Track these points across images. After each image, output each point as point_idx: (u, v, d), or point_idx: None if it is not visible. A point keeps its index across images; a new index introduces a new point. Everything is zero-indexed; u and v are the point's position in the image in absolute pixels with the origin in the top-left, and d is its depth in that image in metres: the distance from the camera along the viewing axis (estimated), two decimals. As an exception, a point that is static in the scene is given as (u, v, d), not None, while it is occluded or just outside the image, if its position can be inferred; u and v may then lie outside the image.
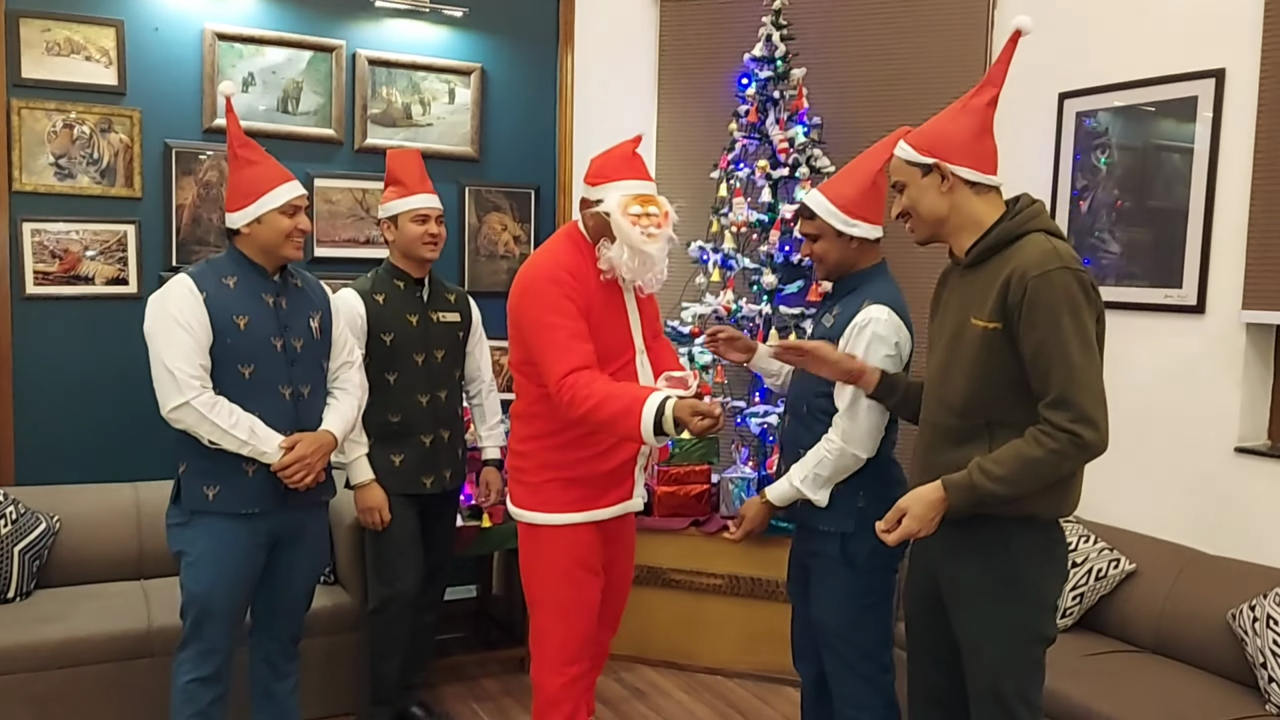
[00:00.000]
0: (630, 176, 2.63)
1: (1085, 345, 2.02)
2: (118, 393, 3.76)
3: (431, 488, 3.22)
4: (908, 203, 2.23)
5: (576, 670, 2.71)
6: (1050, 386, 2.01)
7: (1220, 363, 3.26)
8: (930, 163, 2.18)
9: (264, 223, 2.64)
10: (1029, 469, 2.02)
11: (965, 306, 2.17)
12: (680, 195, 4.56)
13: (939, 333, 2.28)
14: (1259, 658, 2.76)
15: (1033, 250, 2.07)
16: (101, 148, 3.72)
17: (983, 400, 2.12)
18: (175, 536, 2.66)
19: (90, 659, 3.10)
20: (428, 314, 3.24)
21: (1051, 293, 2.01)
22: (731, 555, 3.96)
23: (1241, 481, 3.19)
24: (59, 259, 3.67)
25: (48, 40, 3.62)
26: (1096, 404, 2.02)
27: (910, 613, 2.40)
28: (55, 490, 3.56)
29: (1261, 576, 2.94)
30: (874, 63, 4.24)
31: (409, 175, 3.20)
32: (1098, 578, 3.24)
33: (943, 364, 2.21)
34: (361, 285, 3.19)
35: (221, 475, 2.59)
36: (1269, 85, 3.10)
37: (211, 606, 2.61)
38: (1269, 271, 3.10)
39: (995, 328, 2.08)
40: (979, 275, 2.16)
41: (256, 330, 2.62)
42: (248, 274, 2.66)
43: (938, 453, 2.19)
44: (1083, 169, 3.66)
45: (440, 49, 4.30)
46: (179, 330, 2.52)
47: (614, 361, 2.63)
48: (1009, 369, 2.08)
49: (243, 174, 2.67)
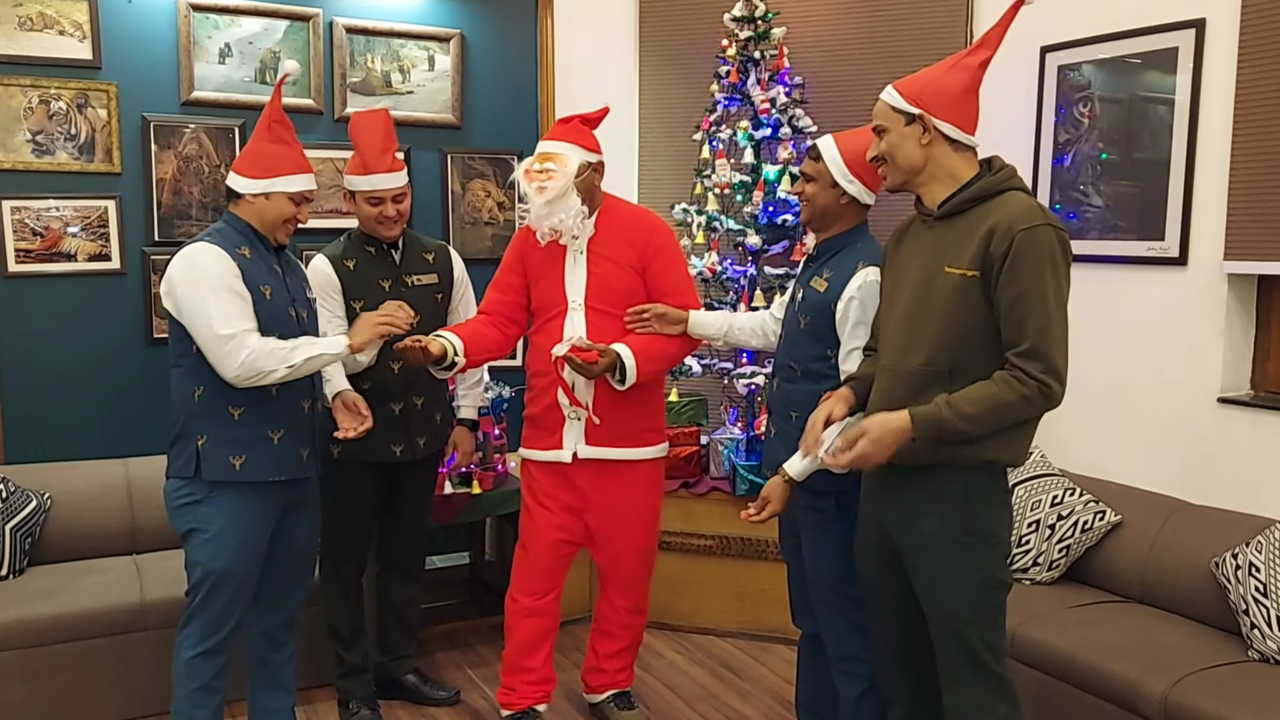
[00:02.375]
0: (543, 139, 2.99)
1: (1060, 302, 2.08)
2: (105, 369, 3.76)
3: (401, 456, 3.18)
4: (886, 148, 2.25)
5: (527, 603, 3.06)
6: (1025, 336, 2.05)
7: (1203, 314, 3.27)
8: (915, 113, 2.21)
9: (271, 200, 2.65)
10: (996, 411, 2.06)
11: (937, 255, 2.19)
12: (663, 158, 4.58)
13: (901, 282, 2.29)
14: (1241, 605, 2.80)
15: (1018, 204, 2.11)
16: (79, 123, 3.69)
17: (951, 346, 2.15)
18: (186, 514, 2.61)
19: (85, 634, 3.12)
20: (402, 278, 3.18)
21: (1037, 247, 2.05)
22: (722, 516, 3.99)
23: (1224, 431, 3.22)
24: (40, 236, 3.65)
25: (19, 15, 3.57)
26: (1064, 360, 2.08)
27: (865, 572, 2.41)
28: (46, 468, 3.57)
29: (1244, 525, 2.97)
30: (855, 20, 4.21)
31: (369, 148, 3.06)
32: (1083, 530, 3.27)
33: (908, 312, 2.23)
34: (332, 251, 3.15)
35: (248, 444, 2.59)
36: (1249, 35, 3.08)
37: (228, 580, 2.61)
38: (1250, 222, 3.10)
39: (973, 275, 2.11)
40: (954, 226, 2.19)
41: (278, 300, 2.65)
42: (255, 245, 2.67)
43: (895, 400, 2.20)
44: (1065, 123, 3.64)
45: (418, 15, 4.26)
46: (223, 290, 2.51)
47: (544, 314, 3.00)
48: (980, 316, 2.12)
49: (271, 148, 2.68)
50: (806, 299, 2.64)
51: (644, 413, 3.02)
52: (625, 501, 3.02)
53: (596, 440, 2.97)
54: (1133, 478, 3.43)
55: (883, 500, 2.30)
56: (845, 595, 2.62)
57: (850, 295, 2.52)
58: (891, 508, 2.28)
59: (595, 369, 2.81)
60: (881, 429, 2.11)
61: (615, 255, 2.93)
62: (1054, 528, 3.29)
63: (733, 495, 3.93)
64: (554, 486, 3.03)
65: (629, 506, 3.03)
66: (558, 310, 2.96)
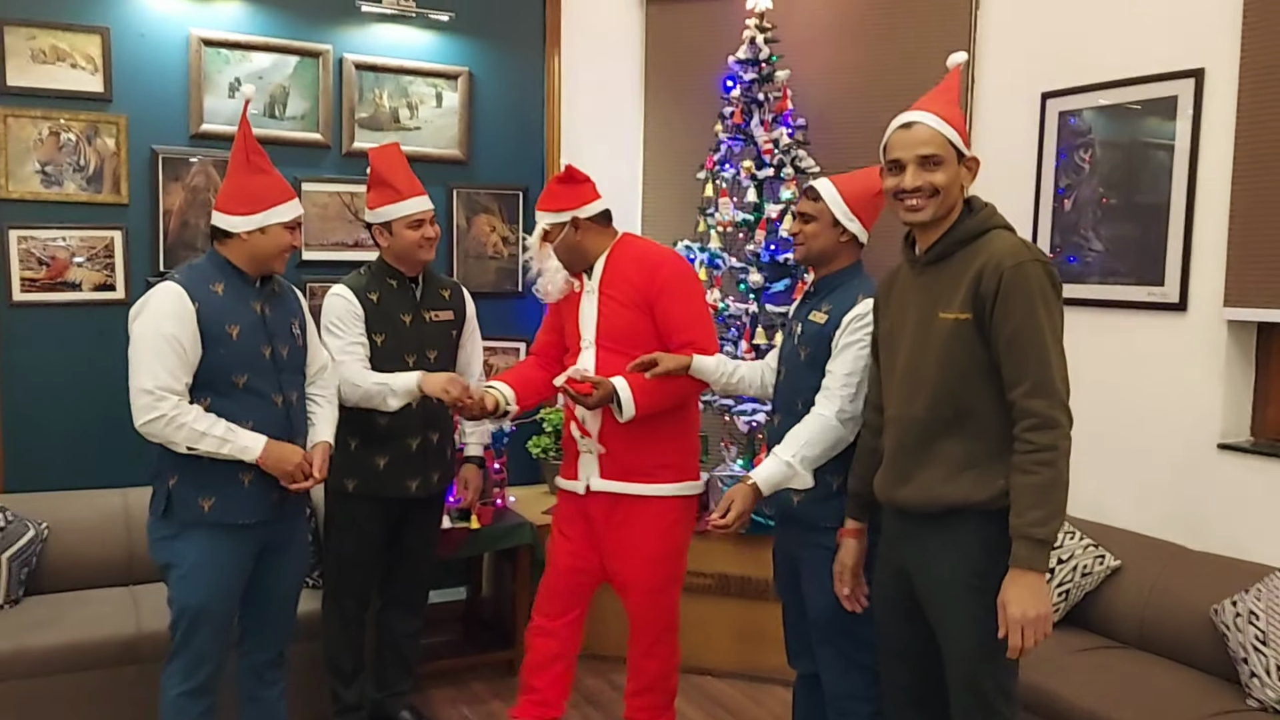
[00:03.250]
0: None
1: (1055, 335, 2.08)
2: (106, 399, 3.75)
3: (417, 491, 3.20)
4: (943, 181, 2.15)
5: (539, 622, 3.13)
6: (1026, 374, 2.05)
7: (1203, 359, 3.28)
8: (970, 155, 2.21)
9: (268, 234, 2.63)
10: (1052, 492, 2.03)
11: (930, 302, 2.19)
12: (667, 195, 4.62)
13: (898, 331, 2.29)
14: (1240, 653, 2.78)
15: (1002, 243, 2.12)
16: (88, 154, 3.73)
17: (952, 390, 2.14)
18: (162, 549, 2.63)
19: (78, 666, 3.10)
20: (421, 313, 3.20)
21: (1026, 283, 2.05)
22: (722, 554, 3.98)
23: (1224, 477, 3.22)
24: (46, 266, 3.68)
25: (33, 48, 3.62)
26: (1067, 390, 2.08)
27: (881, 616, 2.41)
28: (44, 497, 3.56)
29: (1244, 572, 2.96)
30: (857, 64, 4.26)
31: (397, 177, 3.12)
32: (1083, 574, 3.26)
33: (909, 360, 2.23)
34: (355, 282, 3.14)
35: (217, 486, 2.58)
36: (1247, 86, 3.11)
37: (203, 618, 2.60)
38: (1249, 269, 3.12)
39: (965, 318, 2.12)
40: (943, 271, 2.19)
41: (247, 339, 2.61)
42: (233, 281, 2.64)
43: (907, 449, 2.21)
44: (1066, 168, 3.67)
45: (427, 53, 4.31)
46: (163, 344, 2.48)
47: (570, 351, 3.08)
48: (977, 358, 2.12)
49: (253, 180, 2.64)
50: (806, 332, 2.68)
51: (659, 449, 2.98)
52: (634, 538, 2.99)
53: (609, 474, 2.99)
54: (1132, 522, 3.43)
55: (903, 544, 2.29)
56: (847, 632, 2.61)
57: (850, 318, 2.56)
58: (911, 552, 2.27)
59: (590, 400, 2.83)
60: (1029, 596, 2.01)
61: (619, 295, 2.96)
62: (1054, 571, 3.28)
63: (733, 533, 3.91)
64: (573, 515, 3.10)
65: (637, 544, 2.99)
66: (575, 349, 3.04)
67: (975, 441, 2.14)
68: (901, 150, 2.20)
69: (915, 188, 2.16)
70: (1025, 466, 2.04)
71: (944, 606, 2.20)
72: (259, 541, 2.69)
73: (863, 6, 4.25)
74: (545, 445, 4.38)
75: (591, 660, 4.12)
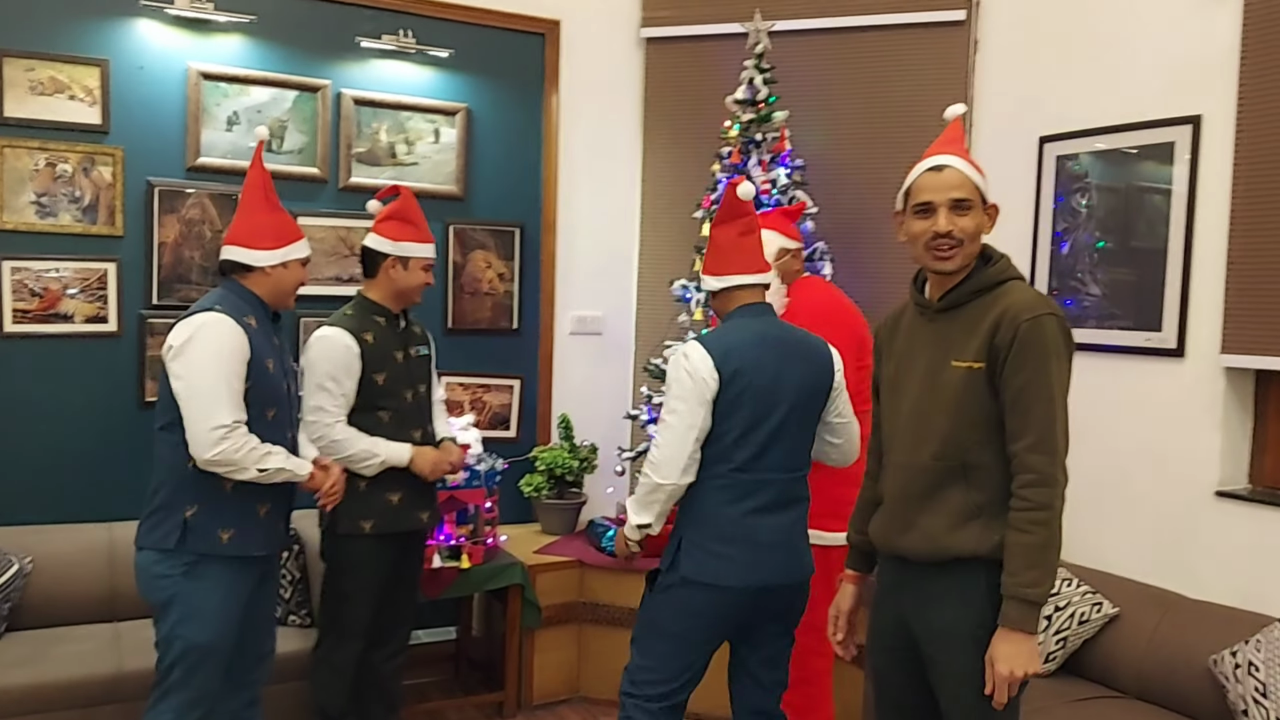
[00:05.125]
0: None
1: (1063, 393, 2.08)
2: (95, 432, 3.72)
3: (428, 522, 3.24)
4: (970, 228, 2.13)
5: None
6: (1029, 429, 2.04)
7: (1200, 406, 3.26)
8: (991, 203, 2.20)
9: (289, 269, 2.72)
10: (1044, 552, 2.02)
11: (942, 349, 2.17)
12: (664, 234, 4.62)
13: (904, 376, 2.26)
14: (1240, 704, 2.74)
15: (1021, 295, 2.11)
16: (84, 186, 3.72)
17: (960, 440, 2.12)
18: (165, 586, 2.56)
19: (58, 705, 3.04)
20: (409, 349, 3.22)
21: (1042, 337, 2.04)
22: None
23: (1222, 525, 3.19)
24: (39, 297, 3.65)
25: (31, 79, 3.62)
26: (1065, 450, 2.07)
27: (878, 666, 2.36)
28: (28, 531, 3.52)
29: (1243, 621, 2.93)
30: (855, 106, 4.28)
31: (417, 219, 3.21)
32: (1080, 621, 3.22)
33: (916, 407, 2.21)
34: (349, 325, 3.07)
35: (236, 519, 2.58)
36: (1245, 133, 3.12)
37: (209, 656, 2.57)
38: (1247, 316, 3.11)
39: (979, 368, 2.10)
40: (957, 319, 2.17)
41: (277, 373, 2.66)
42: (261, 316, 2.68)
43: (913, 495, 2.19)
44: (1064, 212, 3.68)
45: (426, 89, 4.32)
46: (231, 376, 2.51)
47: None
48: (987, 408, 2.10)
49: (275, 216, 2.73)
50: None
51: (826, 496, 2.93)
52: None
53: None
54: (1130, 569, 3.39)
55: (902, 593, 2.25)
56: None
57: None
58: (910, 599, 2.23)
59: None
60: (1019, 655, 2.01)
61: None
62: (1051, 619, 3.24)
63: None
64: None
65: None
66: None
67: (980, 492, 2.12)
68: (933, 193, 2.14)
69: (947, 232, 2.12)
70: (1021, 524, 2.03)
71: (945, 656, 2.16)
72: (258, 575, 2.68)
73: (861, 49, 4.28)
74: (538, 484, 4.34)
75: (581, 703, 4.06)
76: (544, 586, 3.96)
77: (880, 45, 4.24)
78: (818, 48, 4.34)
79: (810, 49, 4.35)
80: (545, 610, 3.95)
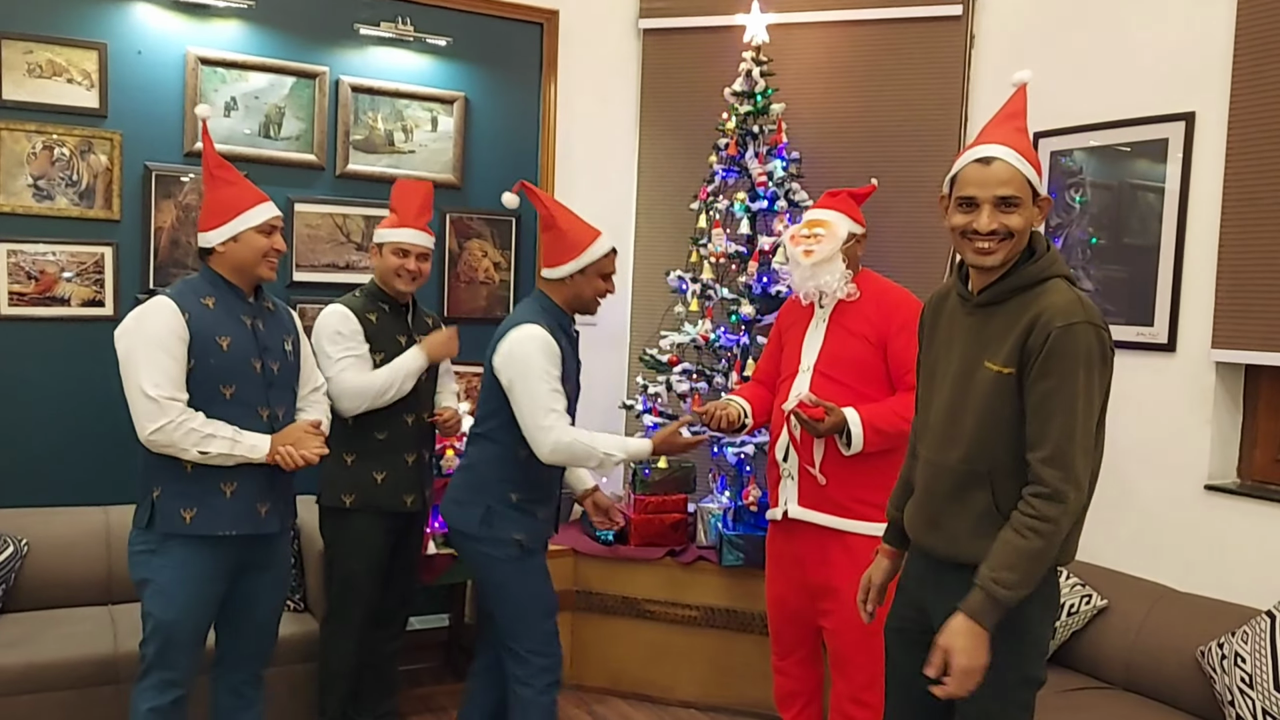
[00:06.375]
0: None
1: (1090, 405, 1.97)
2: (91, 415, 3.73)
3: (412, 506, 3.25)
4: (1018, 225, 2.00)
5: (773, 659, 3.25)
6: (1047, 439, 1.95)
7: (1191, 401, 3.29)
8: (1044, 195, 2.05)
9: (241, 241, 2.65)
10: (1033, 560, 1.95)
11: (978, 347, 2.09)
12: (660, 225, 4.63)
13: (941, 367, 2.19)
14: (1227, 695, 2.77)
15: (1059, 298, 1.99)
16: (81, 170, 3.72)
17: (988, 445, 2.05)
18: (141, 563, 2.62)
19: (54, 685, 3.05)
20: (413, 336, 3.28)
21: (1074, 345, 1.95)
22: (707, 586, 3.95)
23: (1211, 519, 3.22)
24: (35, 280, 3.65)
25: (29, 62, 3.61)
26: (1086, 466, 1.98)
27: (890, 646, 2.34)
28: (24, 513, 3.52)
29: (1230, 614, 2.96)
30: (852, 99, 4.30)
31: (404, 207, 3.24)
32: (1070, 613, 3.25)
33: (949, 405, 2.13)
34: (352, 304, 3.20)
35: (200, 498, 2.57)
36: (1237, 129, 3.15)
37: (178, 633, 2.58)
38: (1237, 311, 3.14)
39: (1009, 373, 2.01)
40: (995, 316, 2.07)
41: (237, 351, 2.63)
42: (225, 295, 2.66)
43: (939, 496, 2.14)
44: (1057, 207, 3.70)
45: (424, 77, 4.32)
46: (159, 352, 2.51)
47: (781, 376, 3.12)
48: (1016, 414, 2.01)
49: (220, 193, 2.68)
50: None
51: (871, 485, 2.91)
52: (842, 577, 2.88)
53: (808, 502, 2.97)
54: (1119, 562, 3.42)
55: (924, 582, 2.22)
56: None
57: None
58: (931, 592, 2.18)
59: (821, 427, 2.82)
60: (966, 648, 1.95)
61: (853, 325, 2.98)
62: (1041, 610, 3.27)
63: (719, 565, 3.90)
64: (780, 553, 3.13)
65: (846, 583, 2.84)
66: (791, 372, 3.07)
67: (1005, 498, 2.03)
68: (977, 189, 2.00)
69: (990, 231, 2.00)
70: (1019, 527, 1.96)
71: None
72: (238, 559, 2.67)
73: (859, 43, 4.29)
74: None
75: (573, 690, 4.08)
76: (537, 574, 3.98)
77: (878, 39, 4.26)
78: (815, 40, 4.36)
79: (808, 41, 4.36)
80: (538, 598, 3.96)
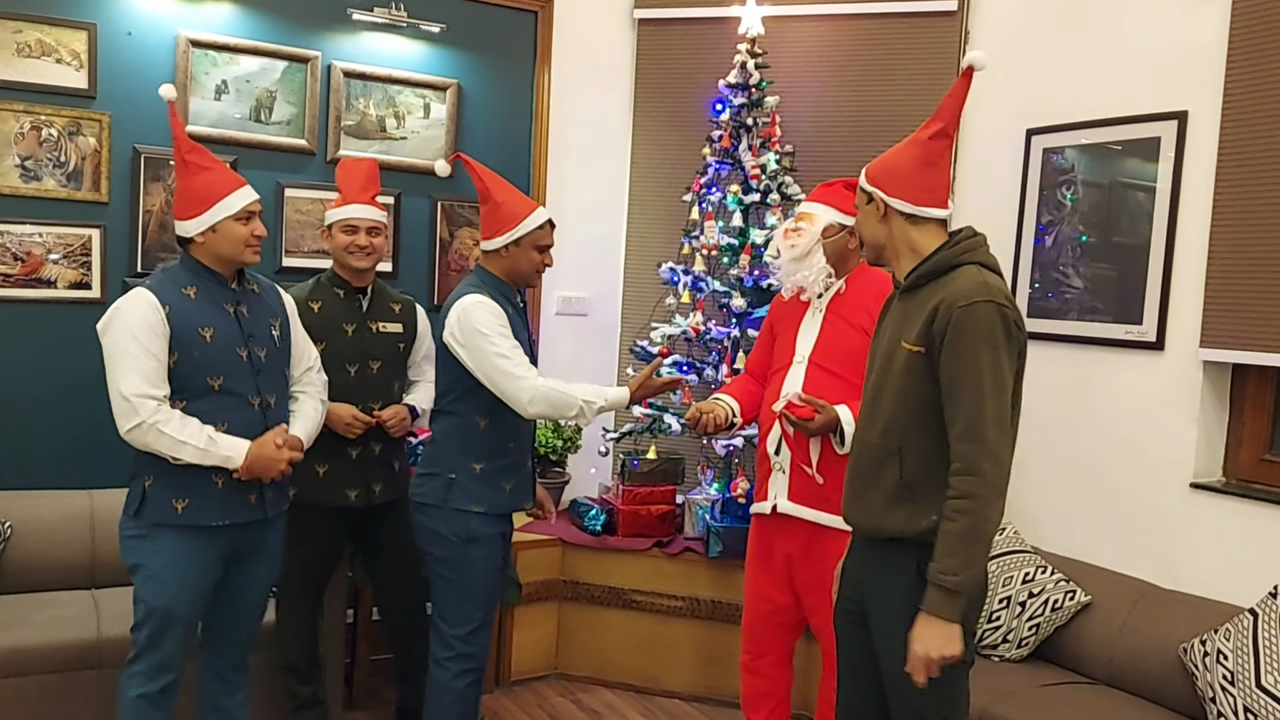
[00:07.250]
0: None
1: (998, 379, 2.07)
2: (76, 398, 3.70)
3: (356, 501, 3.19)
4: (856, 225, 2.44)
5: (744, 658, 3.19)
6: (959, 417, 2.07)
7: (1178, 399, 3.30)
8: (870, 191, 2.27)
9: (219, 231, 2.59)
10: (969, 540, 2.04)
11: (899, 330, 2.23)
12: (652, 216, 4.62)
13: (875, 353, 2.34)
14: (1209, 692, 2.79)
15: (964, 281, 2.13)
16: (69, 151, 3.69)
17: (902, 422, 2.18)
18: (132, 549, 2.60)
19: (37, 669, 3.04)
20: (366, 324, 3.22)
21: (975, 324, 2.06)
22: (693, 577, 3.96)
23: (1196, 517, 3.24)
24: (21, 261, 3.62)
25: (18, 41, 3.58)
26: (1001, 439, 2.07)
27: (838, 627, 2.42)
28: (8, 496, 3.50)
29: (1213, 611, 2.98)
30: (846, 94, 4.30)
31: (348, 185, 3.22)
32: (1053, 609, 3.26)
33: (874, 385, 2.28)
34: (299, 292, 3.14)
35: (191, 488, 2.55)
36: (1229, 129, 3.16)
37: (171, 620, 2.57)
38: (1226, 310, 3.15)
39: (919, 352, 2.14)
40: (913, 301, 2.22)
41: (222, 341, 2.59)
42: (206, 283, 2.62)
43: (861, 473, 2.27)
44: (1048, 204, 3.71)
45: (417, 64, 4.30)
46: (137, 347, 2.48)
47: (773, 368, 3.08)
48: (924, 394, 2.14)
49: (194, 180, 2.60)
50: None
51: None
52: (823, 568, 2.85)
53: (798, 497, 2.93)
54: (1104, 559, 3.44)
55: (857, 561, 2.33)
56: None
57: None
58: (861, 570, 2.30)
59: (812, 426, 2.79)
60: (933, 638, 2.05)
61: (851, 317, 2.94)
62: (1025, 605, 3.28)
63: (705, 556, 3.90)
64: (763, 550, 3.06)
65: (826, 575, 2.79)
66: (784, 364, 3.01)
67: (913, 474, 2.16)
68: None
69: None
70: (948, 512, 2.06)
71: (885, 631, 2.21)
72: (230, 545, 2.66)
73: (853, 38, 4.29)
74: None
75: (559, 680, 4.08)
76: (525, 564, 3.98)
77: (873, 33, 4.25)
78: (810, 34, 4.35)
79: (802, 35, 4.35)
80: (526, 587, 3.97)
